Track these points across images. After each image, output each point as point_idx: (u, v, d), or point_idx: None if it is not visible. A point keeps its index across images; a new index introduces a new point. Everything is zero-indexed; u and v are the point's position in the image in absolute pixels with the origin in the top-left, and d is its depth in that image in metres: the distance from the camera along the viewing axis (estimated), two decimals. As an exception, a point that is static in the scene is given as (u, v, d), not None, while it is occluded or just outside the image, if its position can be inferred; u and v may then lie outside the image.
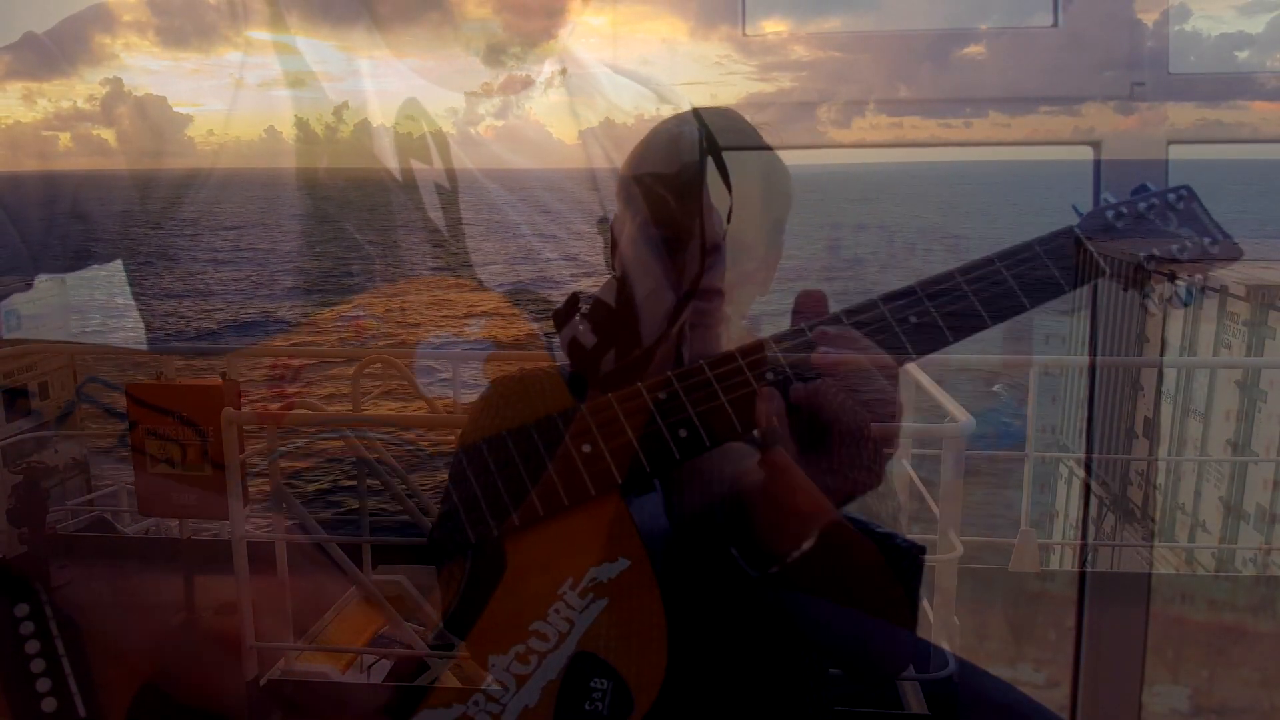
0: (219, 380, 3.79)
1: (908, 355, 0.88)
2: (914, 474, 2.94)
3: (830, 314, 0.89)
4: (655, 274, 0.99)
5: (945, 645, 2.58)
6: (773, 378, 0.91)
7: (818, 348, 0.85)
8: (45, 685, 2.79)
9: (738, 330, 1.03)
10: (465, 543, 0.94)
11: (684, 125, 1.01)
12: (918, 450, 3.06)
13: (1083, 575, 4.78)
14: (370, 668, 3.39)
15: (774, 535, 0.86)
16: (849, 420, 0.80)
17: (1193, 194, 0.92)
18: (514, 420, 0.96)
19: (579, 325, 1.00)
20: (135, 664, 3.11)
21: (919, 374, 3.09)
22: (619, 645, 0.97)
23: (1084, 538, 8.21)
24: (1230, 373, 6.28)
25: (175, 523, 4.34)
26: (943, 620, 2.62)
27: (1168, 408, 7.20)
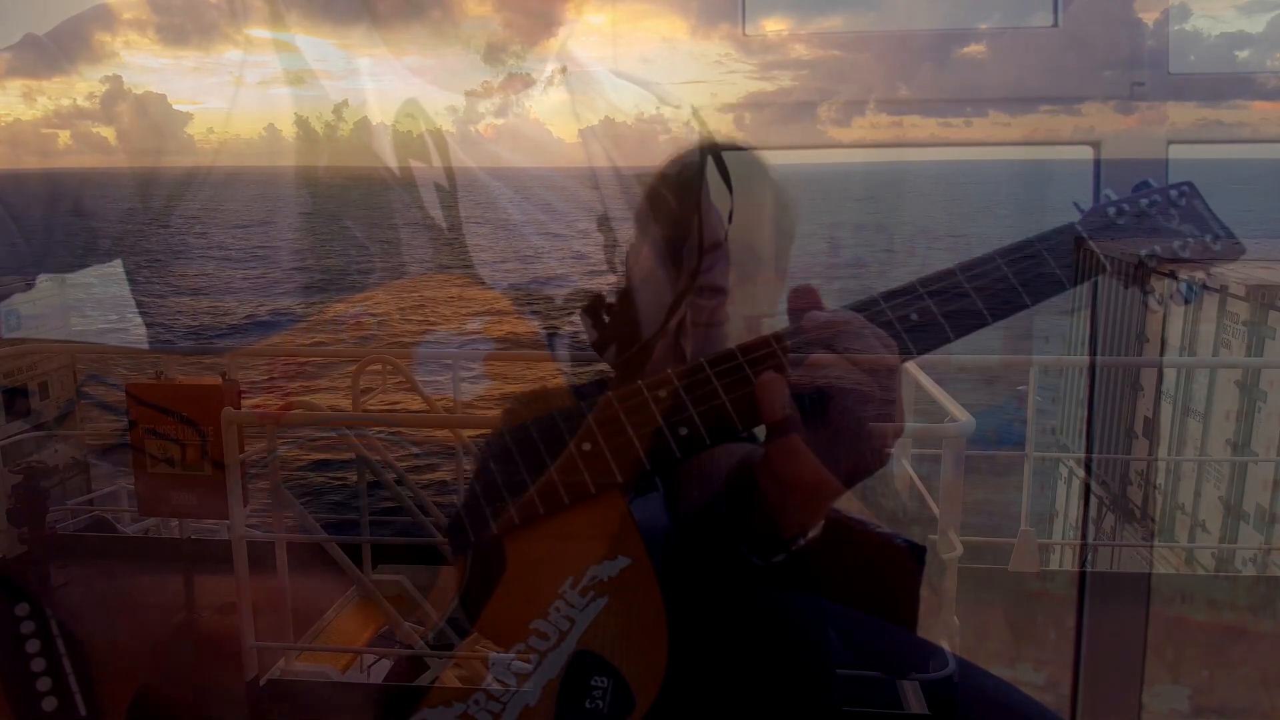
0: (219, 380, 3.79)
1: (908, 353, 0.87)
2: (914, 474, 2.94)
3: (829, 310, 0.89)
4: (657, 273, 0.99)
5: (945, 645, 2.58)
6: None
7: (817, 342, 0.84)
8: (45, 685, 2.78)
9: (739, 332, 1.03)
10: (467, 541, 0.95)
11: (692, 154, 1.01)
12: (918, 450, 3.06)
13: (1083, 575, 4.78)
14: (370, 668, 3.39)
15: (781, 518, 0.85)
16: (849, 395, 0.80)
17: (1194, 190, 0.92)
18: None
19: (600, 321, 1.01)
20: (135, 663, 3.11)
21: (919, 374, 3.09)
22: (620, 643, 0.97)
23: (1084, 538, 8.21)
24: (1230, 373, 6.27)
25: (175, 523, 4.34)
26: (943, 620, 2.62)
27: (1168, 408, 7.19)
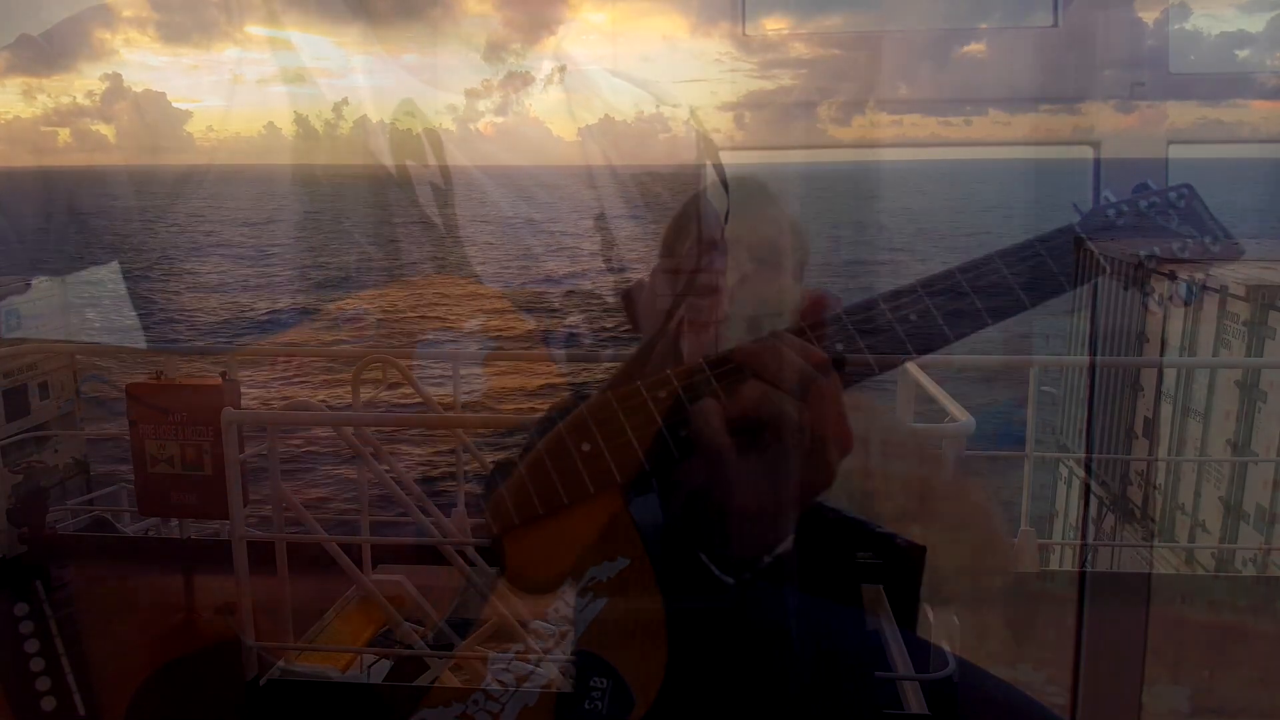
0: (219, 380, 3.80)
1: (908, 354, 0.87)
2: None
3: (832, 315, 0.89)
4: (659, 277, 1.00)
5: (945, 645, 2.58)
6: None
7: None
8: (45, 685, 2.79)
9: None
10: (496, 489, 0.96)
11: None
12: (918, 450, 3.05)
13: (1083, 575, 4.78)
14: (370, 668, 3.39)
15: (735, 541, 0.86)
16: (781, 422, 0.80)
17: (1193, 192, 0.92)
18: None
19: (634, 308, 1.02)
20: (135, 664, 3.11)
21: (919, 374, 3.09)
22: (619, 644, 0.97)
23: (1084, 538, 8.21)
24: (1230, 373, 6.27)
25: (175, 523, 4.35)
26: (943, 620, 2.62)
27: (1168, 408, 7.19)
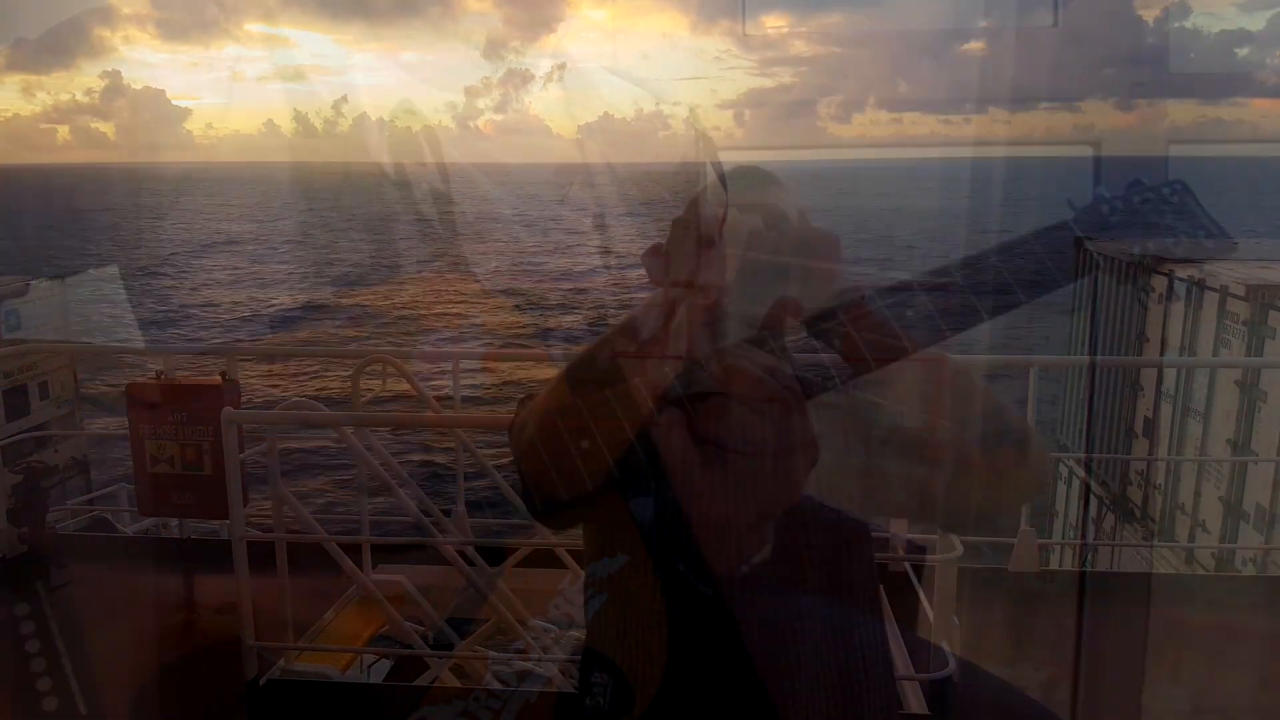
0: (219, 380, 3.79)
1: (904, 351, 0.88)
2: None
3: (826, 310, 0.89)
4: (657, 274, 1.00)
5: (945, 645, 2.58)
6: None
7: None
8: (45, 685, 2.79)
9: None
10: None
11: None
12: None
13: (1083, 575, 4.78)
14: (370, 668, 3.39)
15: (707, 553, 0.87)
16: (742, 440, 0.81)
17: (1187, 189, 0.93)
18: None
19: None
20: (135, 664, 3.11)
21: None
22: (619, 640, 0.97)
23: (1084, 538, 8.22)
24: (1230, 373, 6.26)
25: (175, 523, 4.34)
26: (943, 620, 2.62)
27: (1168, 408, 7.19)
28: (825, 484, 0.98)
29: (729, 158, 0.99)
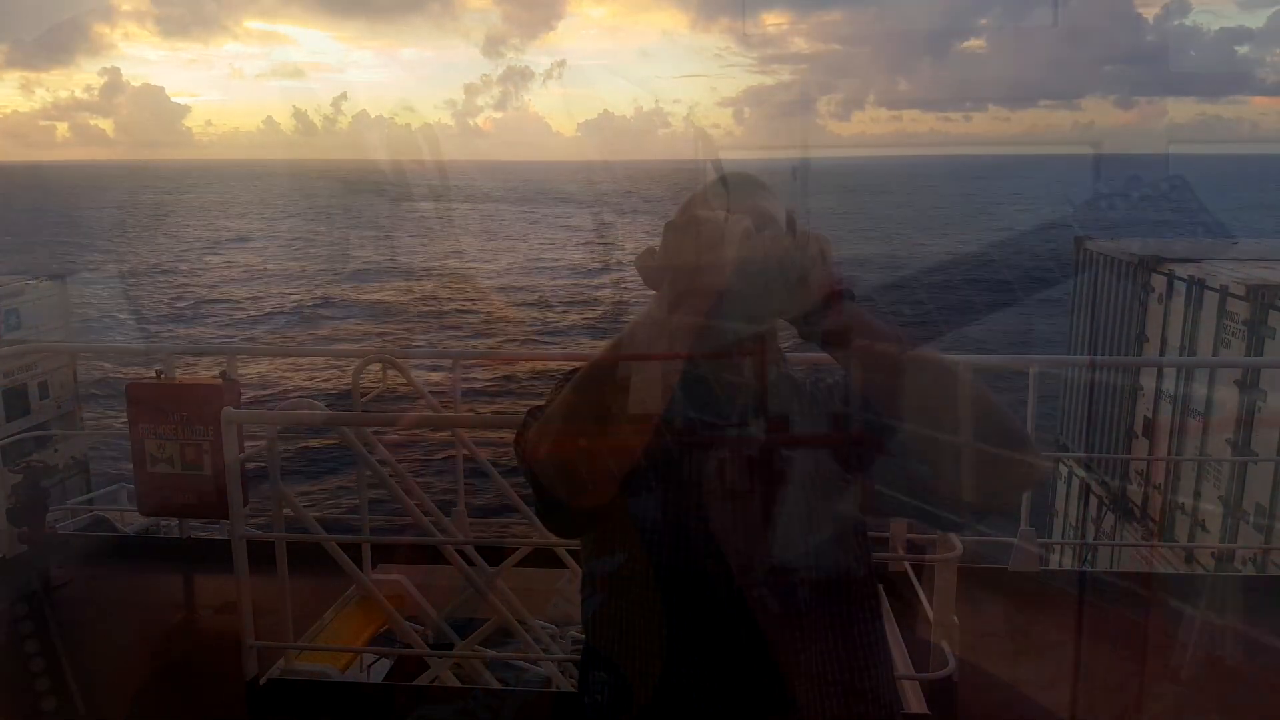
0: (219, 379, 3.79)
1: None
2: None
3: None
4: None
5: (945, 645, 2.58)
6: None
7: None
8: (45, 685, 2.79)
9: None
10: None
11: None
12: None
13: (1083, 575, 4.78)
14: (370, 668, 3.39)
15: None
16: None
17: (1185, 184, 0.93)
18: None
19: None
20: (135, 664, 3.11)
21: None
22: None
23: (1084, 538, 8.21)
24: (1230, 373, 6.26)
25: (175, 522, 4.34)
26: (943, 620, 2.62)
27: (1167, 408, 7.18)
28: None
29: (729, 157, 0.99)
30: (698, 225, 0.94)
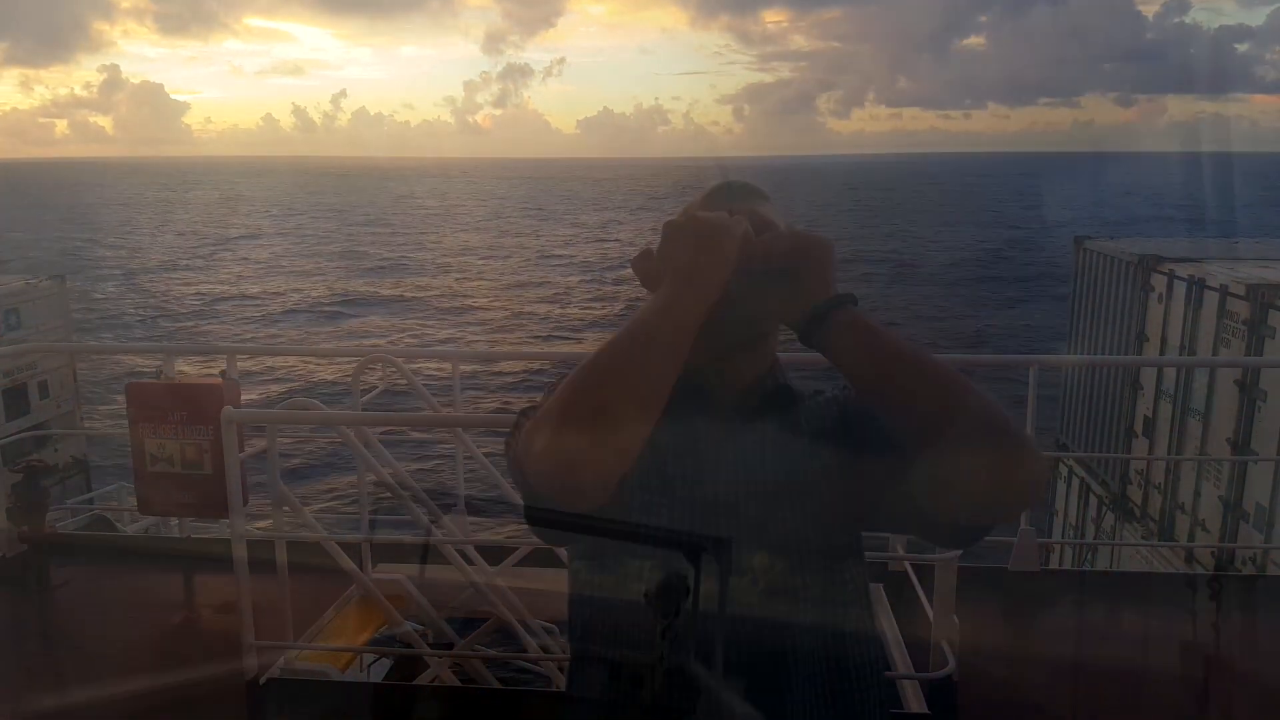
0: (219, 379, 3.79)
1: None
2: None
3: None
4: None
5: (945, 645, 2.58)
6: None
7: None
8: (45, 684, 2.79)
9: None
10: None
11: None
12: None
13: (1083, 575, 4.78)
14: (370, 667, 3.39)
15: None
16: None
17: None
18: None
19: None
20: (135, 663, 3.11)
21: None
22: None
23: (1084, 537, 8.21)
24: (1230, 373, 6.25)
25: (175, 522, 4.34)
26: (943, 620, 2.62)
27: (1167, 407, 7.18)
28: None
29: (729, 156, 0.99)
30: (697, 223, 0.95)
